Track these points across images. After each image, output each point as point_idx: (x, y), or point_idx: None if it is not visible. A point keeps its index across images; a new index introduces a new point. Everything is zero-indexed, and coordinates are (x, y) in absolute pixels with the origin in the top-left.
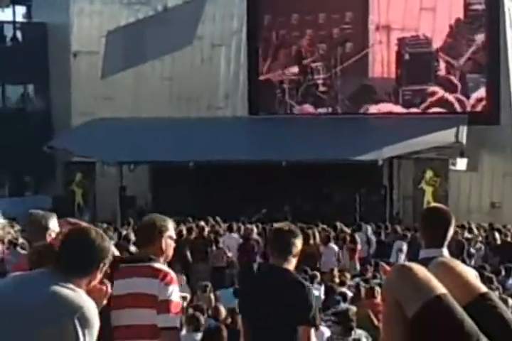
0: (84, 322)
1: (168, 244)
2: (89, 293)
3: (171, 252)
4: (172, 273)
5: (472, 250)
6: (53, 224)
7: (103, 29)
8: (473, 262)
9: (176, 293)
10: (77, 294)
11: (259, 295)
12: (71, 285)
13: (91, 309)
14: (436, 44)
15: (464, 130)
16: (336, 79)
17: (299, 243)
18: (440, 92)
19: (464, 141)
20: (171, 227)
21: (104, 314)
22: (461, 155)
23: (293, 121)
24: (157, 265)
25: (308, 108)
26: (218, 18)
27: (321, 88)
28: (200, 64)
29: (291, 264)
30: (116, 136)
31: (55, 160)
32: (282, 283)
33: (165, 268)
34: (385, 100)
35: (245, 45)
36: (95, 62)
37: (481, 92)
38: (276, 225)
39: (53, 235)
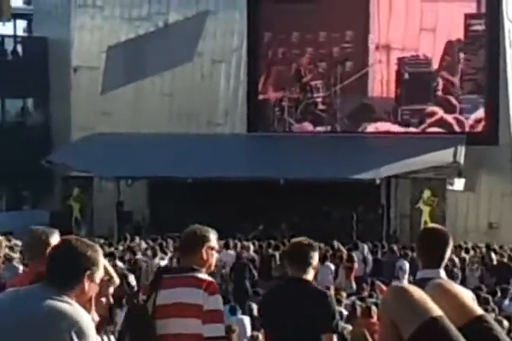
0: (82, 335)
1: (210, 254)
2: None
3: (213, 262)
4: (215, 283)
5: (467, 271)
6: (55, 241)
7: (103, 44)
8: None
9: (220, 303)
10: (72, 307)
11: (281, 307)
12: (65, 298)
13: (87, 322)
14: (436, 64)
15: (462, 150)
16: (336, 97)
17: (316, 256)
18: (439, 112)
19: (462, 161)
20: (212, 238)
21: (149, 323)
22: (459, 175)
23: (291, 139)
24: (200, 275)
25: (307, 126)
26: (219, 35)
27: (320, 106)
28: (200, 80)
29: (311, 276)
30: (114, 151)
31: (53, 174)
32: (304, 293)
33: (208, 278)
34: (384, 119)
35: (245, 62)
36: (95, 77)
37: (480, 113)
38: (294, 240)
39: None
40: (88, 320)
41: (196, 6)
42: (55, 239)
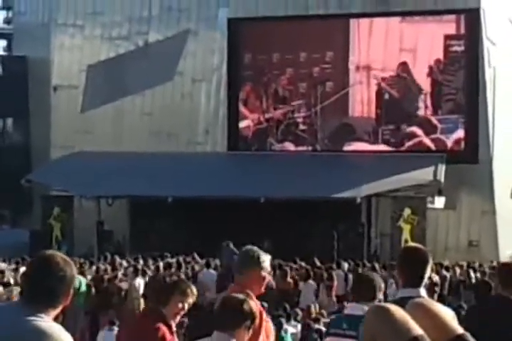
0: None
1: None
2: None
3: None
4: None
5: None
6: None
7: (83, 63)
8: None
9: None
10: (47, 324)
11: (490, 329)
12: (42, 316)
13: (65, 339)
14: (416, 84)
15: (442, 168)
16: (316, 117)
17: None
18: (418, 132)
19: (442, 179)
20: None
21: None
22: (439, 194)
23: (272, 158)
24: None
25: (289, 146)
26: (199, 54)
27: (301, 126)
28: (180, 99)
29: None
30: (95, 170)
31: (33, 193)
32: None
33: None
34: (365, 139)
35: (226, 81)
36: (75, 96)
37: (460, 133)
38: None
39: None
40: (65, 336)
41: (177, 26)
42: None
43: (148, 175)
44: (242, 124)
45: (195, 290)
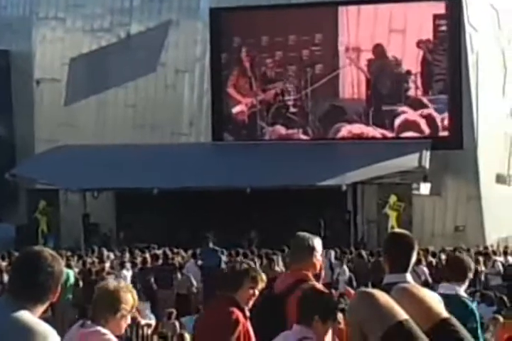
0: None
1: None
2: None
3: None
4: None
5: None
6: None
7: (66, 56)
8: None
9: None
10: (34, 321)
11: None
12: (28, 311)
13: (50, 335)
14: (406, 65)
15: (427, 155)
16: (307, 100)
17: None
18: (410, 112)
19: (427, 165)
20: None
21: None
22: (425, 180)
23: (257, 148)
24: None
25: (280, 129)
26: (181, 45)
27: (292, 109)
28: (163, 90)
29: None
30: (79, 163)
31: (18, 187)
32: None
33: None
34: (356, 121)
35: (209, 71)
36: (58, 90)
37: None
38: None
39: None
40: (51, 332)
41: (158, 17)
42: None
43: (133, 167)
44: (236, 109)
45: (264, 277)
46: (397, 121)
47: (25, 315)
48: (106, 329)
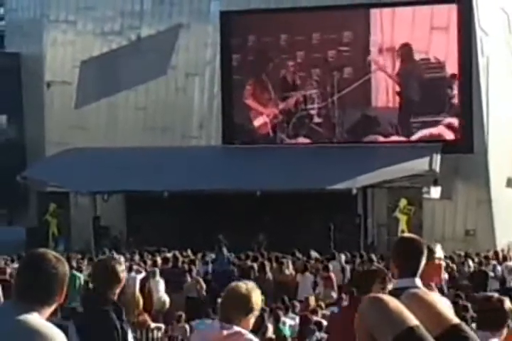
0: None
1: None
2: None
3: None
4: None
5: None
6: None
7: (76, 59)
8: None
9: None
10: (40, 323)
11: None
12: (35, 314)
13: (58, 337)
14: (451, 68)
15: (437, 158)
16: (333, 109)
17: None
18: (456, 123)
19: (438, 169)
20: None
21: None
22: (435, 184)
23: (267, 151)
24: None
25: (302, 142)
26: (192, 48)
27: (316, 119)
28: (174, 93)
29: None
30: (90, 166)
31: (28, 190)
32: None
33: None
34: (391, 133)
35: (219, 74)
36: (69, 92)
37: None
38: None
39: None
40: (59, 334)
41: (169, 20)
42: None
43: (144, 169)
44: (258, 122)
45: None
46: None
47: (32, 317)
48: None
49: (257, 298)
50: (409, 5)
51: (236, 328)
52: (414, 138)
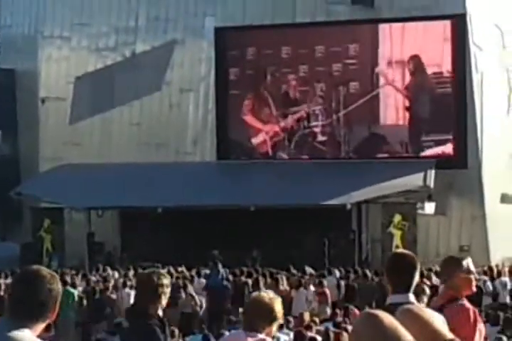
0: None
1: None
2: None
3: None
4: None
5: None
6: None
7: (71, 75)
8: None
9: None
10: (32, 339)
11: None
12: (26, 330)
13: None
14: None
15: (431, 174)
16: (339, 126)
17: None
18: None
19: (432, 185)
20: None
21: None
22: (429, 199)
23: (261, 166)
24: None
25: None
26: (187, 64)
27: (320, 137)
28: (168, 109)
29: None
30: (84, 182)
31: (22, 206)
32: None
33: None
34: (400, 152)
35: (214, 90)
36: (63, 108)
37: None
38: None
39: None
40: None
41: (163, 36)
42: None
43: (138, 185)
44: (257, 140)
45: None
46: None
47: (23, 334)
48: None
49: (279, 307)
50: (403, 21)
51: (261, 336)
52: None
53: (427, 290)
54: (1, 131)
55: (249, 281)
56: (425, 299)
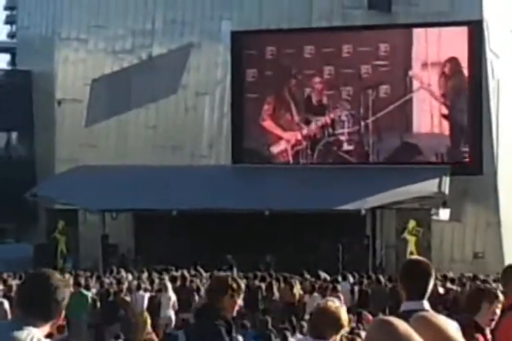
0: None
1: None
2: None
3: None
4: None
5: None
6: None
7: (87, 77)
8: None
9: None
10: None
11: None
12: (39, 330)
13: None
14: None
15: (446, 180)
16: (367, 134)
17: None
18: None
19: (447, 191)
20: None
21: None
22: (444, 205)
23: (276, 171)
24: None
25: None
26: (203, 67)
27: (346, 146)
28: (184, 112)
29: None
30: (99, 184)
31: (37, 207)
32: None
33: None
34: (435, 163)
35: (229, 93)
36: (79, 110)
37: None
38: None
39: None
40: None
41: (180, 39)
42: None
43: (153, 188)
44: (277, 149)
45: (501, 296)
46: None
47: (27, 333)
48: None
49: (345, 316)
50: (418, 27)
51: None
52: None
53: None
54: (17, 133)
55: (263, 285)
56: None
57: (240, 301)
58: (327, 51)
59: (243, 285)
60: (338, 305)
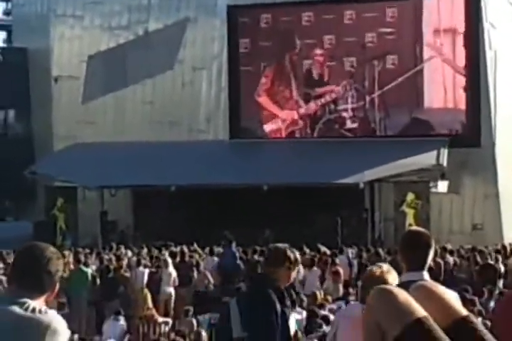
0: (57, 338)
1: None
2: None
3: None
4: None
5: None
6: None
7: (84, 54)
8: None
9: None
10: (43, 313)
11: None
12: (35, 303)
13: (60, 323)
14: (459, 61)
15: (444, 152)
16: (373, 110)
17: None
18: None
19: (445, 163)
20: None
21: None
22: (443, 178)
23: (274, 145)
24: None
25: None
26: (199, 42)
27: (349, 124)
28: (181, 88)
29: None
30: (97, 161)
31: (36, 185)
32: None
33: None
34: (435, 136)
35: (226, 67)
36: (76, 87)
37: None
38: None
39: None
40: (59, 320)
41: (176, 14)
42: None
43: (151, 164)
44: (269, 127)
45: None
46: None
47: (30, 304)
48: None
49: (393, 280)
50: None
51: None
52: None
53: None
54: (14, 110)
55: (262, 260)
56: None
57: (294, 273)
58: (327, 18)
59: (293, 254)
60: (384, 270)
